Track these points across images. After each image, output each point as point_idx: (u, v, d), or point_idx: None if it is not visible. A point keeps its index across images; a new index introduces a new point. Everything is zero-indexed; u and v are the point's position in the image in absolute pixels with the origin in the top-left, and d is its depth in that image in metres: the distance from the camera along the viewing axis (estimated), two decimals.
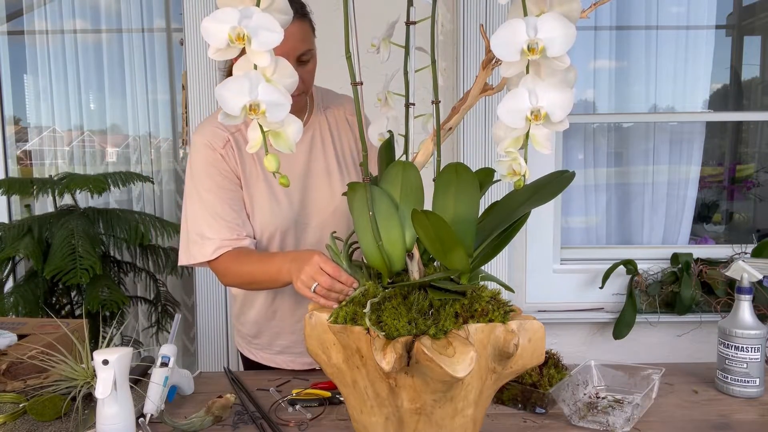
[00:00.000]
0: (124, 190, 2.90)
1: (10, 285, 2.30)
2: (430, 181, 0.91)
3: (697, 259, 2.37)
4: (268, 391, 1.30)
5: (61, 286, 2.20)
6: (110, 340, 1.16)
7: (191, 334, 2.77)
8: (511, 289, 0.95)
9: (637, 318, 2.31)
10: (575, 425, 1.13)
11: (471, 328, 0.83)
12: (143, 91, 2.90)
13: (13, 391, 1.22)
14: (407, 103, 0.95)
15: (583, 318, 2.40)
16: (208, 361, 2.41)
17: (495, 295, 0.89)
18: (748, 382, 1.25)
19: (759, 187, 2.87)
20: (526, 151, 0.74)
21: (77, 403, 1.13)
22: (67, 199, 2.38)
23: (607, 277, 2.34)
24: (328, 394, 1.24)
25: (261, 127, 0.72)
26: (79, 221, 2.19)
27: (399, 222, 0.91)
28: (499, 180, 0.83)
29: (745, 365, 1.24)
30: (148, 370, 1.20)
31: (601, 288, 2.37)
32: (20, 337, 1.39)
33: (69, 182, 2.21)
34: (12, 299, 2.08)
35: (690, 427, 1.13)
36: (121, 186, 2.33)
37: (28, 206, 2.91)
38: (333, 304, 1.00)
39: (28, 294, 2.11)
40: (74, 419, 1.13)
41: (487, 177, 0.96)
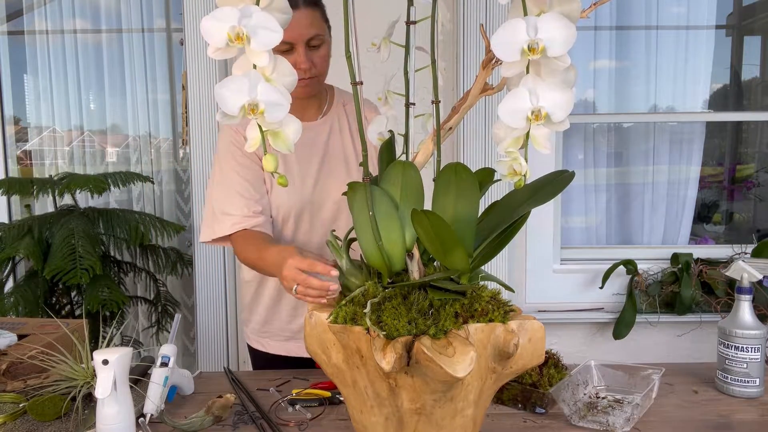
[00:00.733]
0: (124, 190, 2.90)
1: (10, 285, 2.30)
2: (430, 181, 0.91)
3: (697, 259, 2.37)
4: (268, 391, 1.30)
5: (61, 286, 2.20)
6: (110, 340, 1.16)
7: (191, 334, 2.77)
8: (511, 289, 0.95)
9: (637, 318, 2.31)
10: (575, 425, 1.13)
11: (471, 328, 0.83)
12: (143, 91, 2.90)
13: (13, 391, 1.22)
14: (407, 103, 0.94)
15: (583, 318, 2.40)
16: (208, 361, 2.41)
17: (495, 295, 0.89)
18: (748, 382, 1.25)
19: (759, 187, 2.86)
20: (526, 151, 0.74)
21: (77, 403, 1.13)
22: (67, 199, 2.38)
23: (607, 277, 2.34)
24: (328, 394, 1.24)
25: (260, 127, 0.72)
26: (79, 221, 2.20)
27: (399, 222, 0.91)
28: (499, 180, 0.83)
29: (745, 365, 1.24)
30: (148, 370, 1.20)
31: (601, 288, 2.36)
32: (20, 337, 1.39)
33: (69, 182, 2.22)
34: (12, 299, 2.08)
35: (690, 427, 1.13)
36: (121, 186, 2.34)
37: (28, 206, 2.91)
38: (321, 300, 1.01)
39: (28, 294, 2.11)
40: (74, 419, 1.13)
41: (487, 177, 0.96)
